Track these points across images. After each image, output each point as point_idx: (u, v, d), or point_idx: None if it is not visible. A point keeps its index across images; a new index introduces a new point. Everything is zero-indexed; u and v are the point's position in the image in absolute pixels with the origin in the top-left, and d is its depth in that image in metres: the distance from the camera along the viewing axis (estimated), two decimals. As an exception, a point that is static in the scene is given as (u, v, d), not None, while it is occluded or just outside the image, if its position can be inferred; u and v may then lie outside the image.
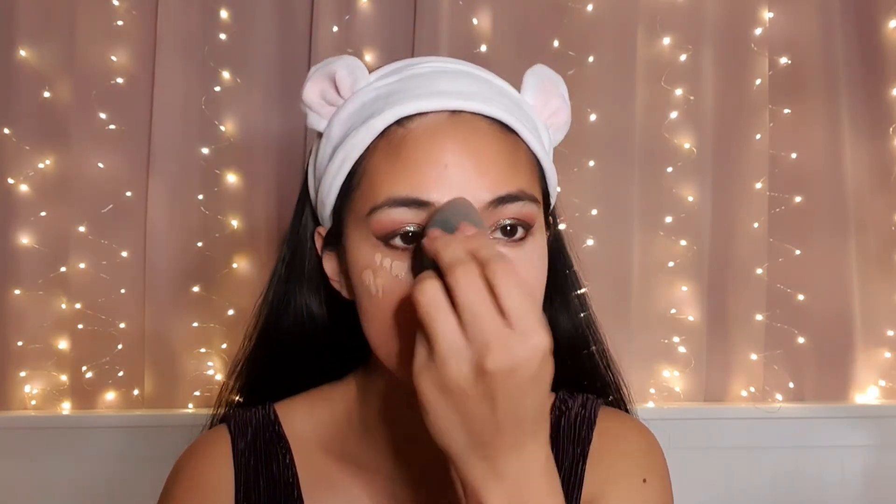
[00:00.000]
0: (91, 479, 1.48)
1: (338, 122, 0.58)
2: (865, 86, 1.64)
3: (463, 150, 0.52)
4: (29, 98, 1.50)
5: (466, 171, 0.52)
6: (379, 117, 0.54)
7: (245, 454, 0.63)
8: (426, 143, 0.52)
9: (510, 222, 0.53)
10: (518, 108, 0.58)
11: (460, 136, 0.53)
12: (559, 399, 0.67)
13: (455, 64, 0.59)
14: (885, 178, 1.64)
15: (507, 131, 0.56)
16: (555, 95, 0.63)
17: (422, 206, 0.51)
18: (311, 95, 0.59)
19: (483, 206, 0.52)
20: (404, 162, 0.52)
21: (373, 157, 0.54)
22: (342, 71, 0.58)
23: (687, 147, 1.60)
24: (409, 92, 0.55)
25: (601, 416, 0.66)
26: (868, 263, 1.64)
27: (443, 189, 0.51)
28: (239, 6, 1.55)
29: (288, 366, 0.67)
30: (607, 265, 1.57)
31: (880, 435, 1.59)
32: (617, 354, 0.72)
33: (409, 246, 0.52)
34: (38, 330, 1.51)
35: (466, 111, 0.54)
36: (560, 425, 0.65)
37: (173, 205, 1.52)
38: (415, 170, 0.52)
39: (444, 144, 0.52)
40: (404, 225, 0.51)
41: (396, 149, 0.53)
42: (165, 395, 1.52)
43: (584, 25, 1.59)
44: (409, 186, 0.51)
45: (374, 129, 0.54)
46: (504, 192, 0.52)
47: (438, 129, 0.53)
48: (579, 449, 0.64)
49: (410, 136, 0.53)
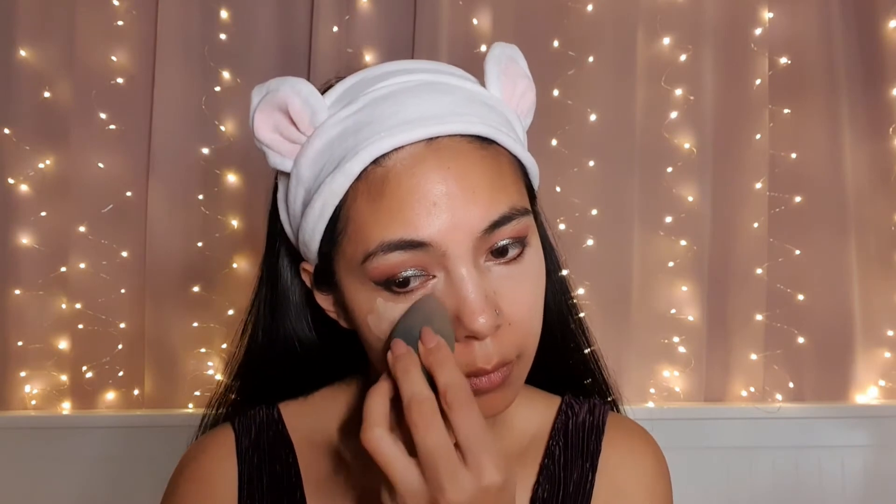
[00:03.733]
0: (91, 479, 1.48)
1: (305, 164, 0.55)
2: (865, 86, 1.64)
3: (447, 179, 0.51)
4: (29, 98, 1.50)
5: (455, 203, 0.50)
6: (354, 160, 0.51)
7: (249, 452, 0.63)
8: (408, 179, 0.50)
9: (505, 243, 0.52)
10: (491, 111, 0.56)
11: (442, 165, 0.51)
12: (565, 403, 0.66)
13: (417, 74, 0.55)
14: (885, 178, 1.64)
15: (487, 144, 0.53)
16: (519, 77, 0.59)
17: (416, 246, 0.50)
18: (265, 132, 0.56)
19: (479, 234, 0.51)
20: (389, 203, 0.50)
21: (355, 202, 0.52)
22: (296, 102, 0.53)
23: (687, 147, 1.60)
24: (379, 124, 0.52)
25: (610, 424, 0.65)
26: (868, 263, 1.64)
27: (433, 225, 0.50)
28: (239, 6, 1.55)
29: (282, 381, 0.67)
30: (607, 265, 1.57)
31: (880, 435, 1.59)
32: (617, 354, 0.72)
33: (408, 288, 0.51)
34: (38, 330, 1.51)
35: (443, 136, 0.52)
36: (567, 430, 0.64)
37: (173, 205, 1.52)
38: (403, 210, 0.50)
39: (427, 177, 0.50)
40: (402, 269, 0.50)
41: (379, 190, 0.51)
42: (165, 395, 1.52)
43: (584, 25, 1.59)
44: (400, 228, 0.50)
45: (351, 173, 0.51)
46: (497, 216, 0.51)
47: (418, 162, 0.51)
48: (588, 463, 0.63)
49: (391, 174, 0.51)
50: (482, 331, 0.50)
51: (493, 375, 0.52)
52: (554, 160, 1.55)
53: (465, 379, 0.48)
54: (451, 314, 0.51)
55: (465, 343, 0.51)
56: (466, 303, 0.50)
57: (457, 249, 0.50)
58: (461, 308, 0.50)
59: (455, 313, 0.50)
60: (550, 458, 0.63)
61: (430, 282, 0.51)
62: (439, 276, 0.51)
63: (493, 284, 0.52)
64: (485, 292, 0.51)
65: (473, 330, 0.50)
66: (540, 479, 0.62)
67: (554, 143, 1.56)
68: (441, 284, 0.51)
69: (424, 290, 0.51)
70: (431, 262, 0.51)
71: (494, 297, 0.51)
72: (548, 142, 1.56)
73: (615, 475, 0.63)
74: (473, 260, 0.51)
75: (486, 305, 0.50)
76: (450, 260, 0.50)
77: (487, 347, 0.51)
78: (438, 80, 0.55)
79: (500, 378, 0.52)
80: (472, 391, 0.49)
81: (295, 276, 0.63)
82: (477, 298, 0.50)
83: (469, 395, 0.46)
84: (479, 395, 0.52)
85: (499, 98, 0.58)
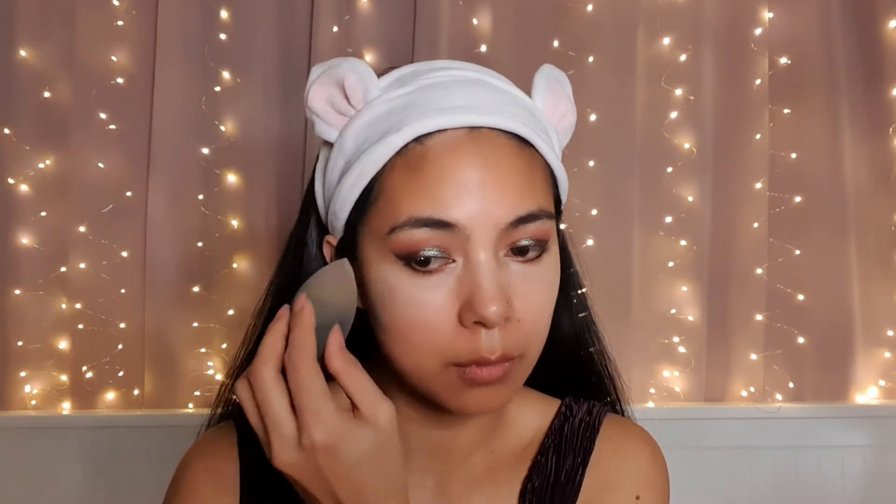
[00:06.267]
0: (91, 479, 1.48)
1: (350, 135, 0.56)
2: (865, 86, 1.64)
3: (482, 168, 0.52)
4: (29, 98, 1.50)
5: (486, 191, 0.52)
6: (397, 134, 0.53)
7: (252, 450, 0.62)
8: (446, 161, 0.52)
9: (527, 242, 0.53)
10: (532, 118, 0.58)
11: (479, 154, 0.53)
12: (564, 405, 0.68)
13: (468, 71, 0.58)
14: (885, 178, 1.64)
15: (525, 145, 0.55)
16: (563, 98, 0.63)
17: (443, 226, 0.51)
18: (318, 102, 0.57)
19: (504, 226, 0.52)
20: (425, 181, 0.52)
21: (391, 174, 0.53)
22: (352, 78, 0.56)
23: (687, 147, 1.60)
24: (426, 106, 0.54)
25: (606, 423, 0.67)
26: (868, 263, 1.64)
27: (463, 209, 0.51)
28: (239, 6, 1.55)
29: None
30: (607, 265, 1.57)
31: (880, 435, 1.59)
32: (617, 354, 0.72)
33: (427, 268, 0.52)
34: (38, 330, 1.51)
35: (485, 127, 0.54)
36: (563, 432, 0.66)
37: (173, 205, 1.52)
38: (435, 189, 0.52)
39: (463, 162, 0.52)
40: (425, 246, 0.52)
41: (416, 167, 0.53)
42: (165, 395, 1.52)
43: (584, 25, 1.59)
44: (430, 206, 0.51)
45: (393, 145, 0.53)
46: (524, 213, 0.53)
47: (457, 147, 0.53)
48: (580, 458, 0.64)
49: (430, 153, 0.53)
50: (492, 318, 0.50)
51: (495, 368, 0.53)
52: (555, 160, 1.55)
53: (314, 345, 0.50)
54: (463, 300, 0.52)
55: (472, 330, 0.52)
56: (481, 289, 0.51)
57: (481, 236, 0.52)
58: (475, 293, 0.51)
59: (468, 299, 0.51)
60: (544, 454, 0.65)
61: (450, 265, 0.52)
62: (458, 261, 0.52)
63: (508, 279, 0.53)
64: (500, 283, 0.52)
65: (483, 316, 0.50)
66: (531, 473, 0.64)
67: (554, 143, 1.56)
68: (459, 269, 0.52)
69: (443, 273, 0.52)
70: (454, 245, 0.52)
71: (508, 290, 0.52)
72: (548, 142, 1.56)
73: (606, 469, 0.64)
74: (494, 251, 0.52)
75: (499, 295, 0.51)
76: (472, 245, 0.52)
77: (493, 338, 0.52)
78: (487, 80, 0.57)
79: (501, 372, 0.53)
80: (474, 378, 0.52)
81: (319, 250, 0.63)
82: (491, 286, 0.51)
83: (312, 359, 0.49)
84: (476, 388, 0.53)
85: (541, 109, 0.61)
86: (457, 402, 0.54)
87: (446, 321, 0.52)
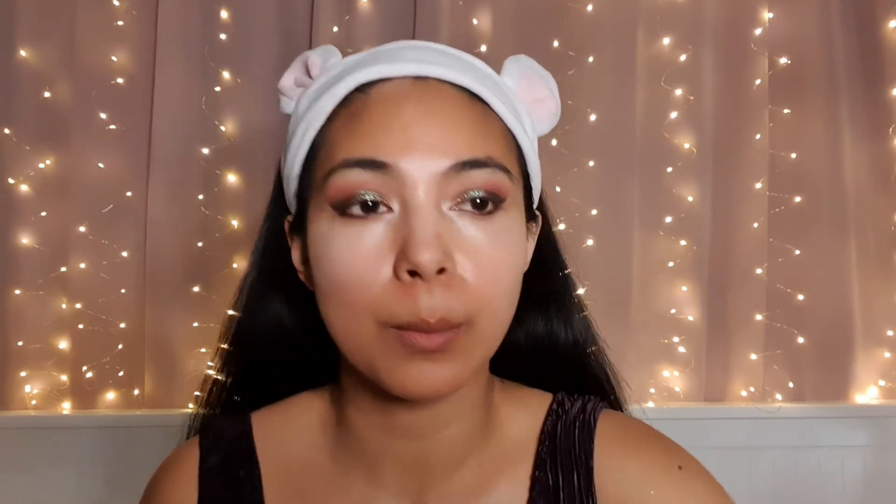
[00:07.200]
0: (91, 479, 1.48)
1: (304, 100, 0.55)
2: (865, 86, 1.64)
3: (426, 111, 0.49)
4: (29, 98, 1.50)
5: (428, 130, 0.48)
6: (340, 84, 0.52)
7: (212, 473, 0.59)
8: (388, 106, 0.50)
9: (481, 194, 0.49)
10: (493, 84, 0.54)
11: (424, 99, 0.50)
12: (556, 401, 0.60)
13: (427, 43, 0.56)
14: (885, 178, 1.64)
15: (477, 101, 0.52)
16: (539, 83, 0.59)
17: (377, 167, 0.48)
18: (286, 82, 0.58)
19: (446, 170, 0.48)
20: (363, 125, 0.49)
21: (334, 124, 0.51)
22: (315, 56, 0.56)
23: (687, 147, 1.60)
24: (373, 60, 0.53)
25: (602, 421, 0.59)
26: (868, 263, 1.64)
27: (400, 150, 0.48)
28: (239, 6, 1.55)
29: (267, 372, 0.64)
30: (607, 265, 1.57)
31: (880, 435, 1.59)
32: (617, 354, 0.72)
33: (367, 215, 0.48)
34: (38, 330, 1.51)
35: (432, 77, 0.51)
36: (556, 434, 0.58)
37: (173, 205, 1.52)
38: (373, 131, 0.49)
39: (405, 106, 0.49)
40: (359, 189, 0.48)
41: (357, 114, 0.50)
42: (165, 395, 1.52)
43: (584, 25, 1.59)
44: (365, 147, 0.48)
45: (336, 95, 0.51)
46: (469, 157, 0.48)
47: (401, 93, 0.50)
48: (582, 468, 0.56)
49: (372, 101, 0.50)
50: (426, 265, 0.45)
51: (436, 335, 0.47)
52: (554, 160, 1.55)
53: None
54: (398, 250, 0.47)
55: (408, 285, 0.47)
56: (413, 233, 0.46)
57: (418, 178, 0.48)
58: (407, 239, 0.46)
59: (402, 247, 0.47)
60: (541, 467, 0.57)
61: (386, 215, 0.48)
62: (396, 210, 0.48)
63: (452, 232, 0.48)
64: (438, 231, 0.47)
65: (415, 262, 0.45)
66: (533, 494, 0.56)
67: (554, 143, 1.56)
68: (396, 219, 0.48)
69: (378, 222, 0.48)
70: (390, 190, 0.48)
71: (450, 243, 0.48)
72: (548, 142, 1.56)
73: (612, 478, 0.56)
74: (435, 199, 0.48)
75: (435, 241, 0.46)
76: (409, 189, 0.48)
77: (433, 298, 0.46)
78: (448, 50, 0.55)
79: (442, 340, 0.47)
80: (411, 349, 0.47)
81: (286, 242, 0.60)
82: (426, 231, 0.47)
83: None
84: (418, 361, 0.48)
85: (510, 87, 0.57)
86: (397, 377, 0.48)
87: (379, 274, 0.47)
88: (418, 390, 0.48)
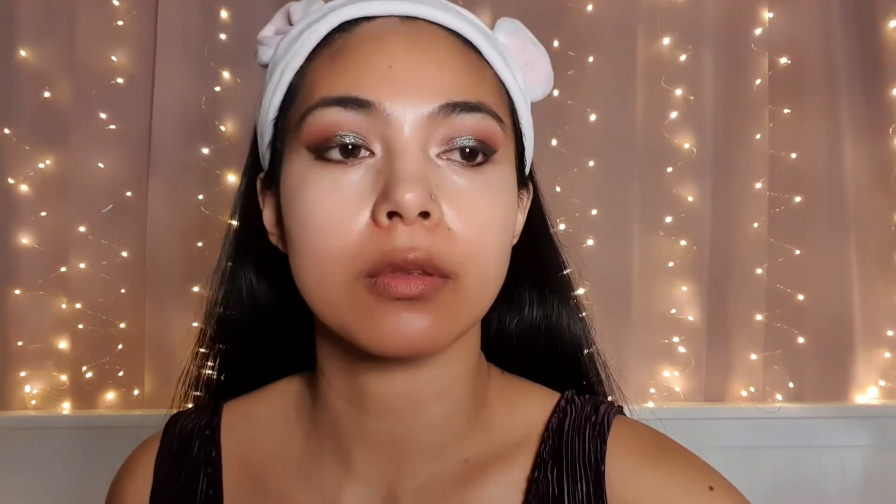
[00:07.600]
0: (91, 479, 1.47)
1: (284, 44, 0.51)
2: (865, 86, 1.64)
3: (414, 49, 0.45)
4: (29, 98, 1.50)
5: (414, 68, 0.44)
6: (322, 21, 0.48)
7: (168, 460, 0.58)
8: (372, 42, 0.46)
9: (470, 142, 0.45)
10: (486, 35, 0.51)
11: (412, 36, 0.46)
12: (564, 399, 0.55)
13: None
14: (885, 178, 1.64)
15: (470, 48, 0.48)
16: (530, 44, 0.55)
17: (359, 105, 0.44)
18: (267, 33, 0.54)
19: (433, 111, 0.44)
20: (345, 63, 0.45)
21: (314, 64, 0.47)
22: (297, 5, 0.52)
23: (687, 147, 1.60)
24: None
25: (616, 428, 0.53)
26: (868, 263, 1.64)
27: (384, 87, 0.44)
28: (239, 6, 1.55)
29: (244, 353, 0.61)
30: (607, 265, 1.57)
31: (880, 435, 1.59)
32: (617, 354, 0.71)
33: (346, 159, 0.44)
34: (38, 330, 1.50)
35: (421, 18, 0.47)
36: (563, 432, 0.52)
37: (173, 205, 1.52)
38: (355, 69, 0.45)
39: (392, 43, 0.45)
40: (338, 130, 0.44)
41: (339, 52, 0.46)
42: (165, 395, 1.51)
43: (584, 25, 1.59)
44: (346, 85, 0.44)
45: (318, 32, 0.47)
46: (459, 99, 0.45)
47: (388, 30, 0.46)
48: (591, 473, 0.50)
49: (355, 37, 0.46)
50: (408, 205, 0.42)
51: (414, 279, 0.43)
52: (554, 160, 1.55)
53: None
54: (379, 193, 0.43)
55: (387, 227, 0.43)
56: (396, 174, 0.43)
57: (403, 118, 0.44)
58: (389, 181, 0.43)
59: (383, 189, 0.43)
60: (541, 468, 0.51)
61: (368, 159, 0.44)
62: (378, 154, 0.45)
63: (439, 180, 0.44)
64: (424, 175, 0.43)
65: (397, 202, 0.42)
66: (528, 497, 0.50)
67: (554, 143, 1.56)
68: (378, 162, 0.44)
69: (358, 166, 0.44)
70: (373, 131, 0.44)
71: (437, 190, 0.44)
72: (548, 142, 1.56)
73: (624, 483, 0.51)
74: (422, 143, 0.44)
75: (419, 183, 0.42)
76: (392, 129, 0.44)
77: (414, 238, 0.43)
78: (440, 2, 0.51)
79: (422, 287, 0.43)
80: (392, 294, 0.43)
81: None
82: (410, 171, 0.43)
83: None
84: (393, 309, 0.43)
85: (504, 43, 0.53)
86: (373, 329, 0.44)
87: (356, 220, 0.43)
88: (394, 343, 0.43)
